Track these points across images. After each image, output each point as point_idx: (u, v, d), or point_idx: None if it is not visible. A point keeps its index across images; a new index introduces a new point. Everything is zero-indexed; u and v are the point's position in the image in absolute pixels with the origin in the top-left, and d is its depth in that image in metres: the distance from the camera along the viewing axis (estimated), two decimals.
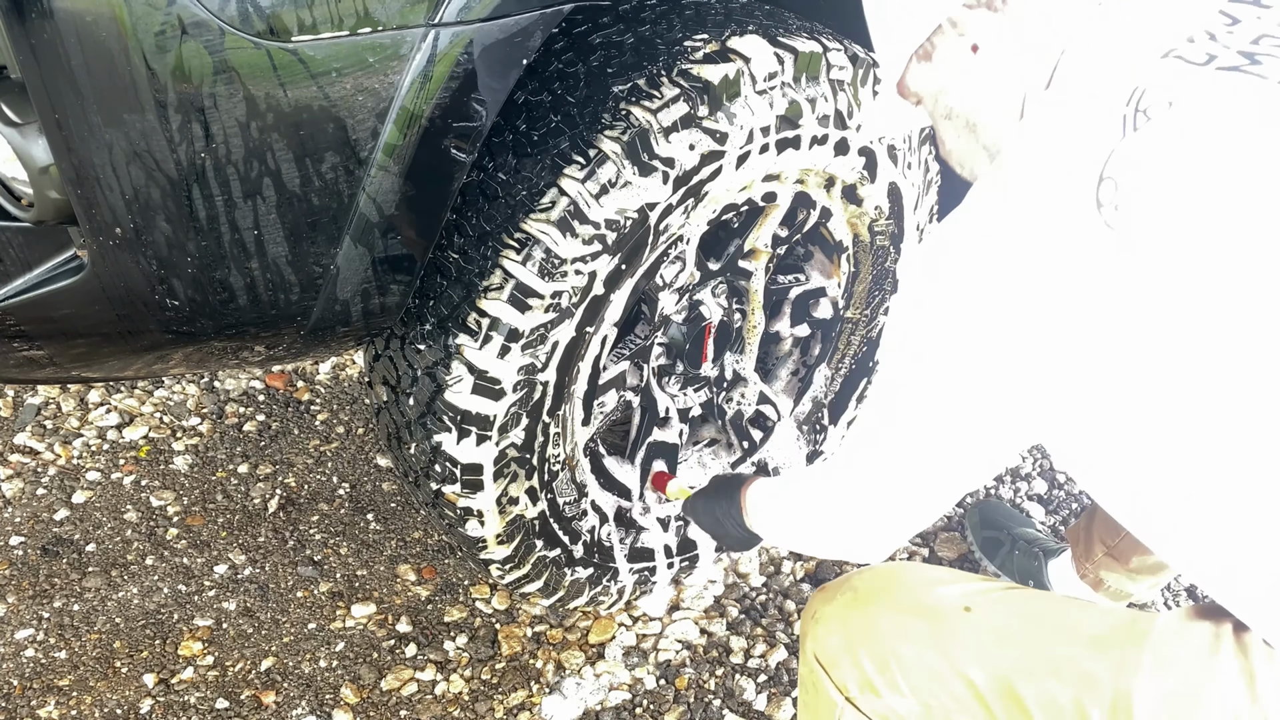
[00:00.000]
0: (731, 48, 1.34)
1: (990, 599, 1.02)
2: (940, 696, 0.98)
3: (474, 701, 1.68)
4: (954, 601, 1.01)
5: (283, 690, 1.70)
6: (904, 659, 1.00)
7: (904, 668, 1.00)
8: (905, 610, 1.02)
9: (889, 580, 1.07)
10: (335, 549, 1.93)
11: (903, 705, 1.01)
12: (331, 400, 2.24)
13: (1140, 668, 0.90)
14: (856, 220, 1.68)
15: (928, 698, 0.99)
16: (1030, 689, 0.94)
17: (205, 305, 1.15)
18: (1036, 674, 0.94)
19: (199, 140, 1.02)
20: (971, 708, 0.97)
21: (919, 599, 1.02)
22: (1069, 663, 0.93)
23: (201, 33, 0.97)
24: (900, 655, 1.00)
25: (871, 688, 1.02)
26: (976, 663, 0.97)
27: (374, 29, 1.05)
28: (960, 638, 0.98)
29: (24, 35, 0.95)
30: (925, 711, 1.00)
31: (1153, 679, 0.90)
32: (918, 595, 1.03)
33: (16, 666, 1.72)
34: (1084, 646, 0.93)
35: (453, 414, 1.34)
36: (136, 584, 1.85)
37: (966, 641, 0.98)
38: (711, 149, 1.33)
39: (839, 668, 1.04)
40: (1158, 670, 0.90)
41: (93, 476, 2.05)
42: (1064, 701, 0.92)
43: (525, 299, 1.29)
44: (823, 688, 1.06)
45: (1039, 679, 0.94)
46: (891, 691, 1.01)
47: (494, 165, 1.30)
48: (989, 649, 0.97)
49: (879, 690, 1.01)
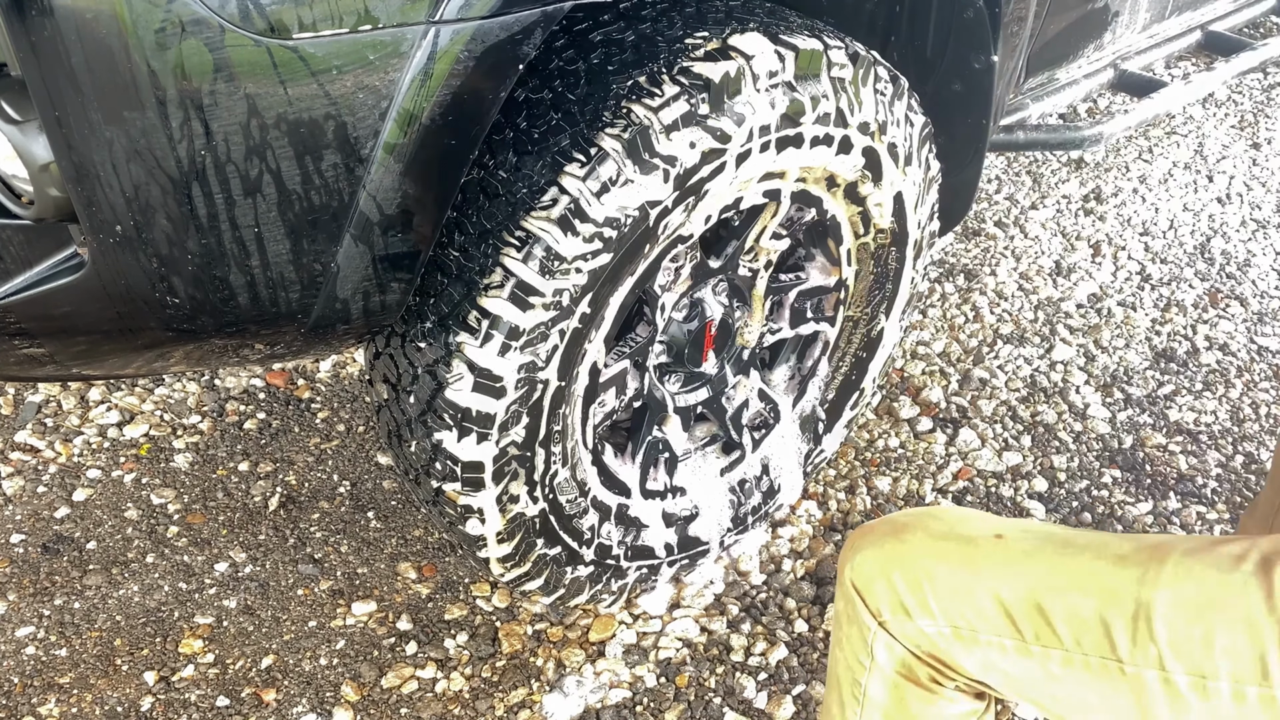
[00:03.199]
0: (733, 45, 1.34)
1: (1021, 528, 1.06)
2: (968, 615, 1.01)
3: (475, 699, 1.69)
4: (988, 530, 1.06)
5: (283, 688, 1.70)
6: (936, 578, 1.03)
7: (935, 587, 1.03)
8: (940, 536, 1.06)
9: (926, 514, 1.11)
10: (336, 547, 1.93)
11: (931, 627, 1.04)
12: (332, 398, 2.24)
13: (1161, 580, 0.93)
14: (858, 219, 1.68)
15: (956, 618, 1.02)
16: (1056, 603, 0.97)
17: (206, 303, 1.15)
18: (1062, 589, 0.97)
19: (199, 138, 1.02)
20: (998, 625, 1.00)
21: (954, 528, 1.07)
22: (1094, 578, 0.96)
23: (202, 30, 0.97)
24: (933, 575, 1.03)
25: (904, 609, 1.05)
26: (1005, 580, 1.00)
27: (374, 26, 1.05)
28: (992, 558, 1.02)
29: (24, 32, 0.95)
30: (954, 633, 1.03)
31: (1173, 588, 0.92)
32: (953, 525, 1.07)
33: (17, 664, 1.72)
34: (1109, 563, 0.96)
35: (453, 412, 1.34)
36: (137, 582, 1.85)
37: (997, 562, 1.02)
38: (712, 147, 1.33)
39: (873, 592, 1.07)
40: (1178, 580, 0.92)
41: (93, 474, 2.05)
42: (1087, 614, 0.95)
43: (526, 297, 1.29)
44: (857, 614, 1.09)
45: (1064, 594, 0.97)
46: (922, 612, 1.04)
47: (495, 163, 1.30)
48: (1018, 568, 1.01)
49: (911, 611, 1.04)
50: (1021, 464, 2.14)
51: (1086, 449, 2.19)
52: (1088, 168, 3.16)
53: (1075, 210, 2.98)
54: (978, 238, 2.85)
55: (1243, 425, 2.26)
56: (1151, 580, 0.93)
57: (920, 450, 2.16)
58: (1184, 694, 0.91)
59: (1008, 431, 2.22)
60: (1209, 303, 2.62)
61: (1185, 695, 0.90)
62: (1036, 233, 2.87)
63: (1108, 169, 3.16)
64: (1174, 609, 0.91)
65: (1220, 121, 3.42)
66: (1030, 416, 2.26)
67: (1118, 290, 2.67)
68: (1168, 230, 2.90)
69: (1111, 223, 2.92)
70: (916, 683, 1.08)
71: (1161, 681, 0.91)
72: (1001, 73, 1.73)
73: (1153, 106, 2.23)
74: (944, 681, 1.07)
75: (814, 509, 2.03)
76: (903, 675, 1.08)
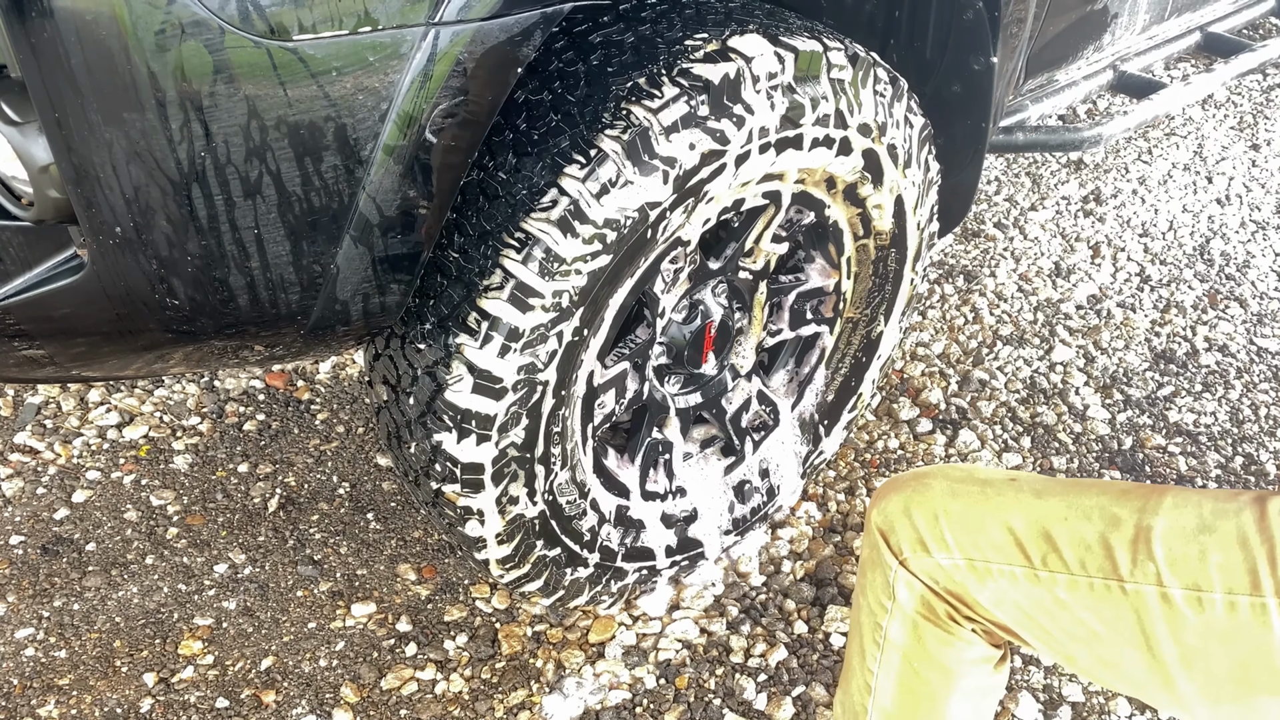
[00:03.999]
0: (732, 47, 1.34)
1: (1034, 475, 1.16)
2: (982, 547, 1.08)
3: (474, 700, 1.69)
4: (1002, 474, 1.15)
5: (283, 689, 1.70)
6: (952, 514, 1.10)
7: (951, 522, 1.10)
8: (958, 479, 1.14)
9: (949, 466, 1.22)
10: (335, 548, 1.93)
11: (948, 561, 1.10)
12: (331, 399, 2.24)
13: (1161, 508, 1.00)
14: (857, 221, 1.68)
15: (971, 551, 1.08)
16: (1062, 530, 1.04)
17: (205, 304, 1.15)
18: (1069, 519, 1.04)
19: (199, 139, 1.02)
20: (1009, 553, 1.07)
21: (972, 473, 1.15)
22: (1098, 509, 1.03)
23: (201, 32, 0.97)
24: (949, 510, 1.10)
25: (922, 544, 1.11)
26: (1017, 512, 1.07)
27: (374, 28, 1.05)
28: (1005, 495, 1.10)
29: (24, 34, 0.95)
30: (968, 565, 1.09)
31: (1171, 514, 0.99)
32: (971, 471, 1.16)
33: (16, 665, 1.72)
34: (1112, 496, 1.04)
35: (453, 413, 1.34)
36: (136, 583, 1.85)
37: (1009, 496, 1.10)
38: (712, 148, 1.33)
39: (895, 531, 1.14)
40: (1177, 508, 0.99)
41: (93, 476, 2.05)
42: (1091, 539, 1.02)
43: (526, 298, 1.29)
44: (880, 557, 1.16)
45: (1071, 523, 1.04)
46: (939, 547, 1.10)
47: (494, 164, 1.30)
48: (1029, 501, 1.08)
49: (929, 546, 1.10)
50: (1021, 465, 2.14)
51: (1086, 450, 2.19)
52: (1087, 169, 3.16)
53: (1075, 211, 2.98)
54: (977, 239, 2.85)
55: (1242, 426, 2.26)
56: (1152, 509, 1.00)
57: (920, 452, 2.16)
58: (1181, 608, 0.96)
59: (1007, 433, 2.22)
60: (1208, 304, 2.62)
61: (1182, 609, 0.96)
62: (1036, 234, 2.87)
63: (1107, 170, 3.16)
64: (1171, 532, 0.98)
65: (1220, 123, 3.43)
66: (1030, 418, 2.26)
67: (1117, 291, 2.67)
68: (1167, 231, 2.90)
69: (1111, 224, 2.93)
70: (935, 621, 1.13)
71: (1160, 597, 0.97)
72: (1001, 74, 1.73)
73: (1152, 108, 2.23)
74: (961, 621, 1.12)
75: (814, 510, 2.03)
76: (922, 615, 1.13)
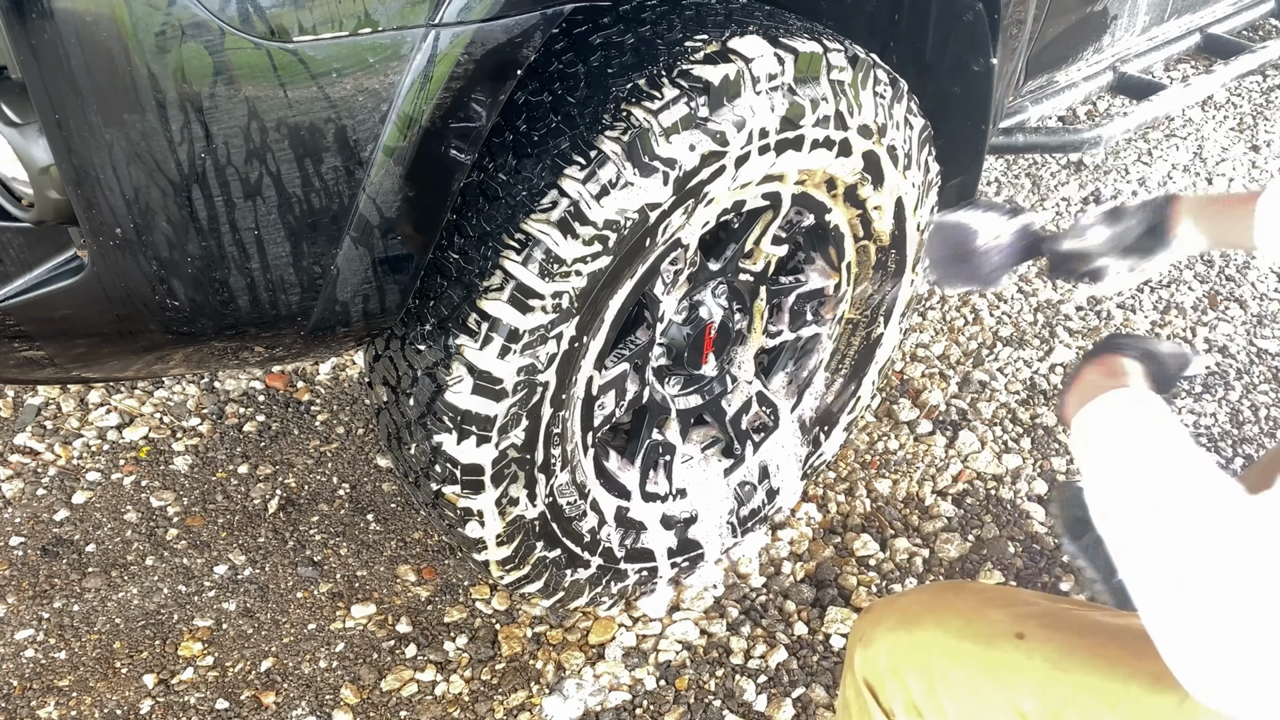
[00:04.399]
0: (732, 48, 1.34)
1: (1044, 624, 0.99)
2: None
3: (474, 702, 1.68)
4: (1006, 627, 0.99)
5: (283, 691, 1.70)
6: (952, 683, 0.98)
7: (951, 691, 0.98)
8: (956, 634, 1.00)
9: (938, 602, 1.05)
10: (335, 549, 1.93)
11: None
12: (331, 401, 2.24)
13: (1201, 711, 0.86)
14: (857, 222, 1.68)
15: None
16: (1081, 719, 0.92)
17: (205, 306, 1.15)
18: (1090, 708, 0.92)
19: (199, 141, 1.02)
20: None
21: (970, 624, 1.00)
22: (1127, 702, 0.90)
23: (202, 33, 0.97)
24: (949, 679, 0.98)
25: (917, 710, 1.00)
26: (1029, 691, 0.94)
27: (374, 29, 1.05)
28: (1012, 665, 0.96)
29: (24, 35, 0.95)
30: None
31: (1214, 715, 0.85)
32: (969, 620, 1.01)
33: (16, 667, 1.72)
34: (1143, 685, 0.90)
35: (453, 415, 1.34)
36: (136, 584, 1.85)
37: (1019, 669, 0.96)
38: (712, 150, 1.33)
39: (885, 689, 1.03)
40: None
41: (93, 477, 2.05)
42: None
43: (525, 300, 1.29)
44: (867, 708, 1.05)
45: (1093, 712, 0.92)
46: (936, 715, 0.99)
47: (494, 165, 1.30)
48: (1042, 678, 0.95)
49: (924, 713, 1.00)
50: (1021, 466, 2.14)
51: None
52: (1087, 170, 3.16)
53: (1075, 213, 2.98)
54: None
55: (1242, 428, 2.26)
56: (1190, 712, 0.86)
57: (920, 453, 2.16)
58: None
59: (1007, 434, 2.22)
60: (1208, 305, 2.62)
61: None
62: None
63: (1107, 172, 3.16)
64: None
65: (1219, 124, 3.43)
66: (1030, 419, 2.26)
67: (1117, 292, 2.67)
68: None
69: None
70: None
71: None
72: (1001, 75, 1.73)
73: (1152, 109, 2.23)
74: None
75: (814, 511, 2.03)
76: None
